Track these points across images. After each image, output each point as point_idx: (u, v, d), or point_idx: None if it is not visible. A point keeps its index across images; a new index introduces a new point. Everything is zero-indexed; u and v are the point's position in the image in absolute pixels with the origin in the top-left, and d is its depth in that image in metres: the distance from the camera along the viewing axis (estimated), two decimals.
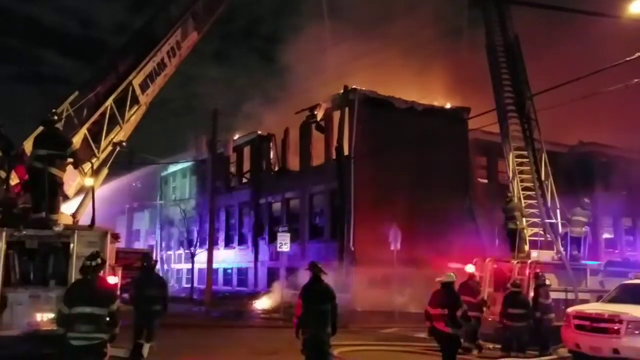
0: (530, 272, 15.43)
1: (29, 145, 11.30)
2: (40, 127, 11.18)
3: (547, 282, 14.75)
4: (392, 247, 22.37)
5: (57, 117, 11.37)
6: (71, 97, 13.42)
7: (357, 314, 22.39)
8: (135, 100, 15.07)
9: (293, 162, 32.35)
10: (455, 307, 9.95)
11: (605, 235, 34.41)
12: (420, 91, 30.40)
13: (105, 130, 14.08)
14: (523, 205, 17.77)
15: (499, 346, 14.05)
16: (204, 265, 28.82)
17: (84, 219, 11.97)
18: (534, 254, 16.96)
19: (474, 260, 17.01)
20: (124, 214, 50.70)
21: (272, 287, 27.66)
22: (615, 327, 11.36)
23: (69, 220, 11.60)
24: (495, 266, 16.69)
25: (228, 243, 37.12)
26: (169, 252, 44.18)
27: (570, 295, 15.63)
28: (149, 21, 16.92)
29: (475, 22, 22.36)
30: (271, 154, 34.11)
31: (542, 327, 13.98)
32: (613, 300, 12.82)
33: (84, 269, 7.47)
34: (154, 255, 38.54)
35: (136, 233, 51.92)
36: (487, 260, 17.05)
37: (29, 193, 10.83)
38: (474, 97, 27.92)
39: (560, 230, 17.78)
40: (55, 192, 10.58)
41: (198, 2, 17.31)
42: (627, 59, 12.90)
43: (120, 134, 14.69)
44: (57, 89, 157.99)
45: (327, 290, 9.25)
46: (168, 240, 44.23)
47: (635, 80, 14.18)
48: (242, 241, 35.67)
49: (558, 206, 18.27)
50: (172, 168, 44.36)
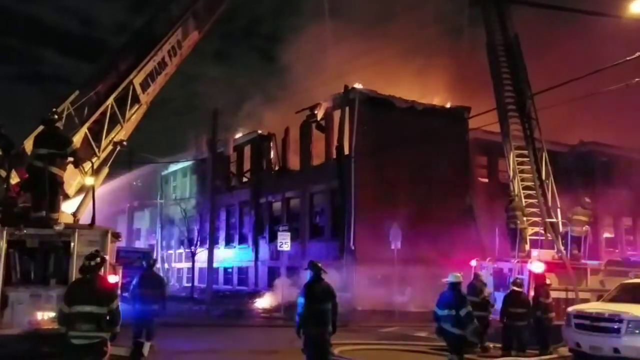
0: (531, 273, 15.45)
1: (29, 144, 11.30)
2: (41, 126, 11.17)
3: (547, 281, 14.76)
4: (392, 247, 22.39)
5: (57, 116, 11.36)
6: (72, 96, 13.40)
7: (358, 313, 22.42)
8: (136, 99, 15.06)
9: (293, 161, 32.35)
10: (460, 307, 10.03)
11: (606, 235, 34.40)
12: (421, 90, 30.41)
13: (106, 129, 14.05)
14: (524, 204, 17.80)
15: (499, 345, 14.05)
16: (205, 265, 28.85)
17: (85, 218, 11.96)
18: (535, 253, 16.98)
19: (475, 260, 17.08)
20: (125, 213, 50.72)
21: (272, 286, 27.66)
22: (616, 327, 11.36)
23: (70, 219, 11.60)
24: (496, 265, 16.71)
25: (228, 242, 37.12)
26: (169, 251, 44.20)
27: (571, 295, 15.64)
28: (149, 20, 16.89)
29: (476, 21, 22.38)
30: (271, 153, 34.09)
31: (542, 326, 13.98)
32: (613, 300, 12.83)
33: (83, 269, 7.48)
34: (154, 254, 38.62)
35: (137, 232, 51.95)
36: (488, 259, 17.08)
37: (29, 192, 10.83)
38: (474, 97, 27.95)
39: (560, 229, 17.79)
40: (55, 191, 10.59)
41: (199, 1, 17.27)
42: (627, 58, 12.89)
43: (121, 133, 14.67)
44: (57, 88, 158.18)
45: (328, 289, 9.30)
46: (168, 240, 44.24)
47: (636, 79, 14.16)
48: (242, 240, 35.67)
49: (558, 205, 18.27)
50: (173, 167, 44.39)
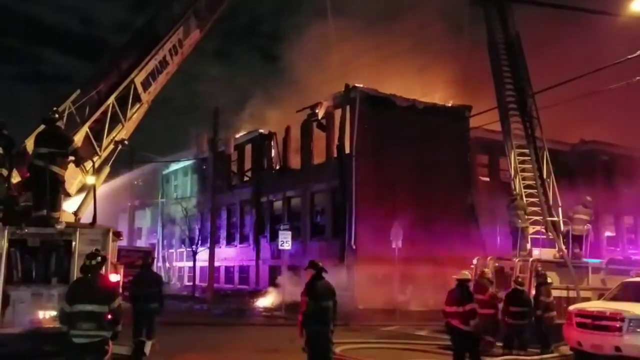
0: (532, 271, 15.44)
1: (30, 143, 11.29)
2: (42, 126, 11.18)
3: (548, 280, 14.75)
4: (393, 245, 22.39)
5: (58, 115, 11.36)
6: (73, 96, 13.40)
7: (359, 311, 22.44)
8: (137, 98, 15.05)
9: (294, 160, 32.37)
10: (466, 303, 10.21)
11: (607, 233, 34.39)
12: (422, 89, 30.40)
13: (107, 128, 14.05)
14: (525, 203, 17.79)
15: (500, 344, 14.04)
16: (206, 263, 28.91)
17: (86, 217, 11.97)
18: (536, 252, 16.96)
19: (476, 258, 17.08)
20: (126, 212, 50.71)
21: (273, 285, 27.69)
22: (617, 325, 11.33)
23: (71, 218, 11.61)
24: (497, 264, 16.70)
25: (229, 241, 37.15)
26: (170, 250, 44.26)
27: (572, 293, 15.64)
28: (151, 19, 16.88)
29: (477, 20, 22.34)
30: (272, 152, 34.11)
31: (543, 325, 13.97)
32: (615, 298, 12.80)
33: (84, 268, 7.48)
34: (155, 253, 38.65)
35: (138, 231, 51.95)
36: (489, 258, 17.07)
37: (30, 191, 10.83)
38: (475, 95, 27.94)
39: (562, 228, 17.78)
40: (56, 190, 10.58)
41: (200, 0, 17.29)
42: (628, 56, 12.89)
43: (122, 132, 14.67)
44: (57, 88, 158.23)
45: (329, 287, 9.41)
46: (170, 239, 44.30)
47: (637, 77, 14.16)
48: (243, 239, 35.70)
49: (560, 204, 18.27)
50: (174, 166, 44.43)
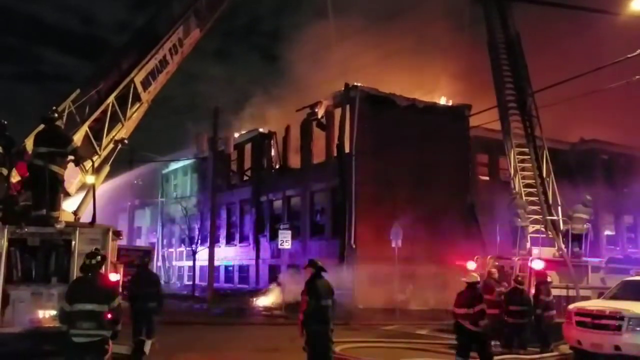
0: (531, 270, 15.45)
1: (30, 142, 11.30)
2: (41, 125, 11.18)
3: (548, 279, 14.76)
4: (393, 245, 22.37)
5: (57, 115, 11.36)
6: (73, 95, 13.40)
7: (358, 311, 22.44)
8: (137, 97, 15.06)
9: (294, 159, 32.37)
10: (474, 305, 10.38)
11: (607, 232, 34.40)
12: (422, 88, 30.39)
13: (107, 127, 14.07)
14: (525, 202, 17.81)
15: (499, 343, 14.05)
16: (206, 263, 28.88)
17: (86, 217, 11.97)
18: (536, 250, 16.97)
19: (475, 258, 17.07)
20: (126, 211, 50.74)
21: (273, 284, 27.68)
22: (617, 324, 11.33)
23: (70, 218, 11.61)
24: (497, 263, 16.70)
25: (229, 240, 37.16)
26: (170, 250, 44.26)
27: (572, 292, 15.64)
28: (151, 19, 16.92)
29: (477, 20, 22.36)
30: (272, 151, 34.11)
31: (543, 324, 13.98)
32: (614, 297, 12.80)
33: (84, 267, 7.48)
34: (155, 252, 38.63)
35: (138, 230, 51.97)
36: (489, 257, 17.07)
37: (29, 191, 10.83)
38: (475, 94, 27.94)
39: (561, 227, 17.79)
40: (56, 190, 10.58)
41: (201, 0, 17.30)
42: (628, 55, 12.90)
43: (122, 131, 14.68)
44: (57, 87, 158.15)
45: (329, 286, 9.42)
46: (169, 238, 44.30)
47: (636, 76, 14.17)
48: (243, 238, 35.70)
49: (559, 203, 18.28)
50: (174, 166, 44.41)
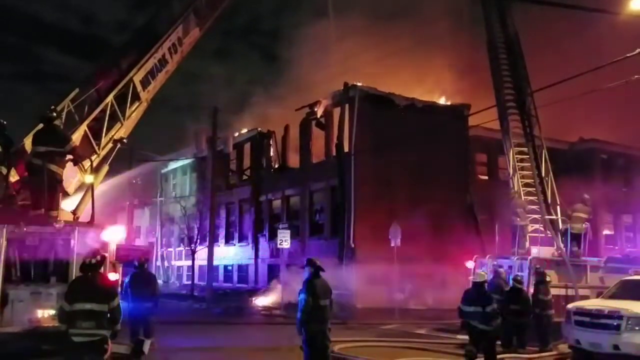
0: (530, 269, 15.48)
1: (29, 142, 11.30)
2: (40, 124, 11.17)
3: (547, 278, 14.77)
4: (392, 244, 22.37)
5: (56, 114, 11.36)
6: (72, 94, 13.40)
7: (358, 310, 22.45)
8: (136, 96, 15.05)
9: (293, 159, 32.34)
10: (486, 304, 10.54)
11: (606, 232, 34.39)
12: (421, 88, 30.39)
13: (106, 127, 14.05)
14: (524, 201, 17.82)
15: (498, 342, 14.06)
16: (205, 262, 28.85)
17: (85, 216, 11.97)
18: (534, 250, 16.97)
19: (474, 257, 17.09)
20: (125, 210, 50.68)
21: (272, 283, 27.67)
22: (616, 323, 11.35)
23: (69, 217, 11.59)
24: (496, 263, 16.70)
25: (228, 240, 37.13)
26: (169, 249, 44.22)
27: (571, 292, 15.65)
28: (151, 18, 16.93)
29: (477, 19, 22.36)
30: (271, 151, 34.09)
31: (542, 323, 13.99)
32: (613, 297, 12.81)
33: (84, 267, 7.47)
34: (154, 252, 38.63)
35: (137, 230, 51.89)
36: (488, 256, 17.08)
37: (28, 190, 10.82)
38: (474, 94, 27.95)
39: (560, 226, 17.80)
40: (54, 189, 10.58)
41: None
42: (627, 55, 12.89)
43: (121, 130, 14.67)
44: (57, 87, 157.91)
45: (327, 285, 9.44)
46: (168, 237, 44.24)
47: (635, 76, 14.16)
48: (242, 238, 35.68)
49: (558, 202, 18.29)
50: (173, 165, 44.35)
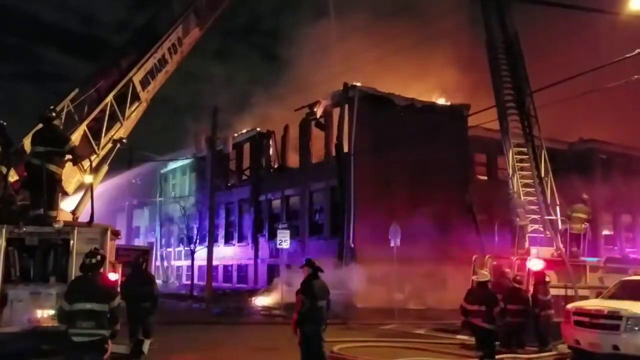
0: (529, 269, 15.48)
1: (28, 142, 11.29)
2: (40, 124, 11.16)
3: (546, 278, 14.77)
4: (392, 244, 22.36)
5: (55, 114, 11.35)
6: (72, 94, 13.40)
7: (357, 310, 22.45)
8: (135, 96, 15.05)
9: (293, 159, 32.35)
10: (492, 304, 10.66)
11: (605, 232, 34.43)
12: (420, 88, 30.39)
13: (106, 127, 14.06)
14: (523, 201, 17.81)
15: (498, 342, 14.06)
16: (204, 262, 28.86)
17: (84, 216, 11.97)
18: (534, 250, 16.97)
19: (474, 257, 17.08)
20: (124, 210, 50.65)
21: (272, 284, 27.67)
22: (615, 324, 11.35)
23: (69, 217, 11.60)
24: (495, 263, 16.71)
25: (228, 240, 37.13)
26: (168, 249, 44.22)
27: (570, 292, 15.65)
28: (151, 18, 16.94)
29: (477, 19, 22.35)
30: (271, 151, 34.11)
31: (540, 323, 14.00)
32: (613, 297, 12.81)
33: (84, 267, 7.47)
34: (153, 252, 38.58)
35: (136, 230, 51.86)
36: (487, 256, 17.07)
37: (27, 190, 10.82)
38: (474, 94, 27.95)
39: (560, 226, 17.79)
40: (53, 189, 10.57)
41: None
42: (626, 55, 12.90)
43: (121, 130, 14.67)
44: (57, 87, 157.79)
45: (325, 287, 9.43)
46: (168, 237, 44.25)
47: (635, 76, 14.17)
48: (241, 238, 35.69)
49: (558, 203, 18.27)
50: (172, 165, 44.37)
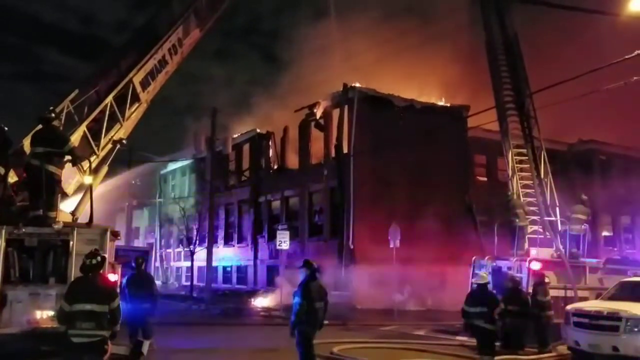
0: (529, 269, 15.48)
1: (28, 143, 11.30)
2: (39, 125, 11.16)
3: (546, 279, 14.77)
4: (391, 245, 22.35)
5: (55, 115, 11.36)
6: (72, 95, 13.40)
7: (357, 311, 22.45)
8: (135, 97, 15.06)
9: (292, 160, 32.35)
10: (492, 305, 10.70)
11: (605, 233, 34.45)
12: (420, 89, 30.41)
13: (105, 127, 14.07)
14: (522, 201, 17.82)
15: (497, 343, 14.06)
16: (204, 263, 28.84)
17: (84, 217, 11.96)
18: (533, 251, 16.97)
19: (474, 259, 17.08)
20: (124, 211, 50.62)
21: (271, 285, 27.66)
22: (615, 325, 11.37)
23: (68, 218, 11.59)
24: (495, 264, 16.71)
25: (227, 241, 37.12)
26: (168, 250, 44.21)
27: (570, 293, 15.65)
28: (151, 18, 16.94)
29: (476, 20, 22.36)
30: (270, 152, 34.10)
31: (540, 324, 13.99)
32: (612, 298, 12.83)
33: (84, 267, 7.46)
34: (153, 253, 38.61)
35: (136, 231, 51.79)
36: (486, 257, 17.08)
37: (27, 191, 10.82)
38: (473, 95, 27.95)
39: (559, 227, 17.80)
40: (53, 190, 10.57)
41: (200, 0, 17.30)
42: (626, 56, 12.90)
43: (121, 131, 14.68)
44: (57, 87, 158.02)
45: (322, 288, 9.41)
46: (167, 238, 44.24)
47: (634, 77, 14.17)
48: (241, 239, 35.68)
49: (557, 204, 18.28)
50: (172, 166, 44.36)
